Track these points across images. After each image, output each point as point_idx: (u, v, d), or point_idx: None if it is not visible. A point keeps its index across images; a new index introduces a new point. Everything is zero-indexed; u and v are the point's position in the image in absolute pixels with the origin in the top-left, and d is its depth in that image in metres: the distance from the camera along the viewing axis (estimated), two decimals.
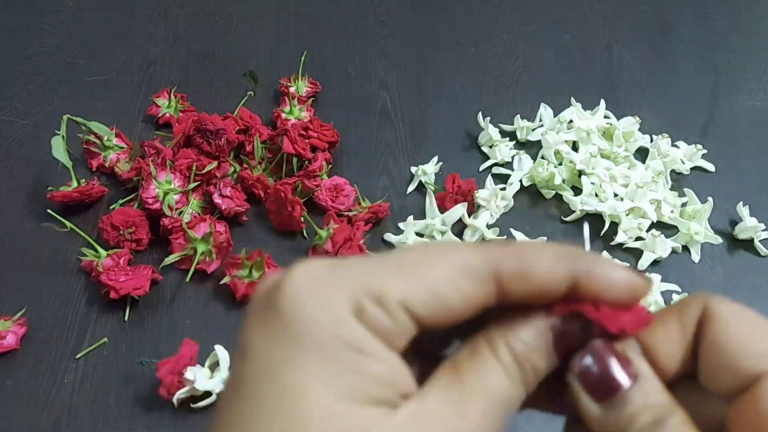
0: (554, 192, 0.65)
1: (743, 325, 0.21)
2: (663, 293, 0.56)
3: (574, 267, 0.21)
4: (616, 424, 0.21)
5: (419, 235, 0.61)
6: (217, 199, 0.60)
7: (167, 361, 0.49)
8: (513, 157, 0.67)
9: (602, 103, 0.70)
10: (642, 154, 0.68)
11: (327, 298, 0.20)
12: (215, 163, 0.62)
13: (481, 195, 0.62)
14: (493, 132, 0.68)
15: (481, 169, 0.67)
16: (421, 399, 0.20)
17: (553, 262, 0.21)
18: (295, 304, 0.20)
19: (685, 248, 0.61)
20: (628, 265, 0.21)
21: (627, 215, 0.61)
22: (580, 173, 0.65)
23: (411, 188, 0.65)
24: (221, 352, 0.50)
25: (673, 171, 0.67)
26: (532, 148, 0.69)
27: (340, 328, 0.20)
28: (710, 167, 0.68)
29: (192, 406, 0.50)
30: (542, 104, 0.71)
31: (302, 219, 0.60)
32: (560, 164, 0.66)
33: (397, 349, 0.21)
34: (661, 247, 0.59)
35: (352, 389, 0.20)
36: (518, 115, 0.70)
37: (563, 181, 0.64)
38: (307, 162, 0.63)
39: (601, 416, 0.21)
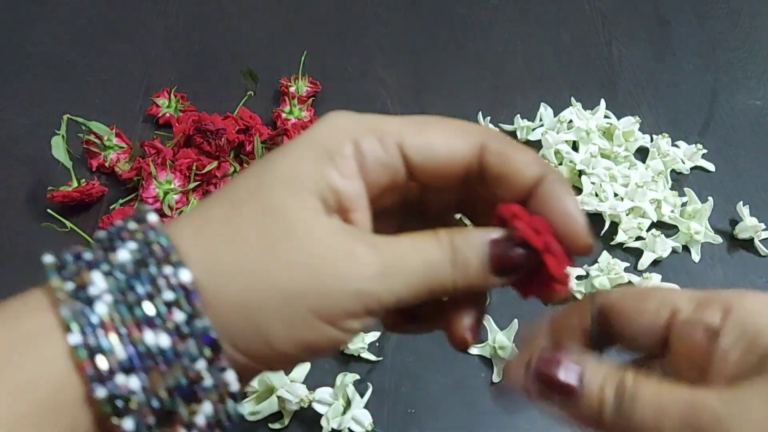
0: None
1: (632, 298, 0.27)
2: None
3: (543, 170, 0.26)
4: (589, 412, 0.24)
5: None
6: None
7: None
8: None
9: (602, 102, 0.70)
10: (642, 153, 0.68)
11: (336, 126, 0.25)
12: (215, 163, 0.62)
13: None
14: None
15: None
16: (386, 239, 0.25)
17: (531, 159, 0.26)
18: (311, 129, 0.25)
19: (686, 248, 0.61)
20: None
21: (627, 215, 0.61)
22: (580, 173, 0.65)
23: None
24: None
25: (673, 170, 0.67)
26: (532, 147, 0.68)
27: (329, 142, 0.25)
28: (710, 167, 0.68)
29: None
30: (542, 104, 0.71)
31: None
32: (560, 164, 0.66)
33: (381, 184, 0.25)
34: (661, 246, 0.59)
35: (321, 203, 0.24)
36: (518, 115, 0.70)
37: None
38: None
39: (574, 412, 0.25)
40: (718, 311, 0.25)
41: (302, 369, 0.51)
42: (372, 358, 0.53)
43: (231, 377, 0.22)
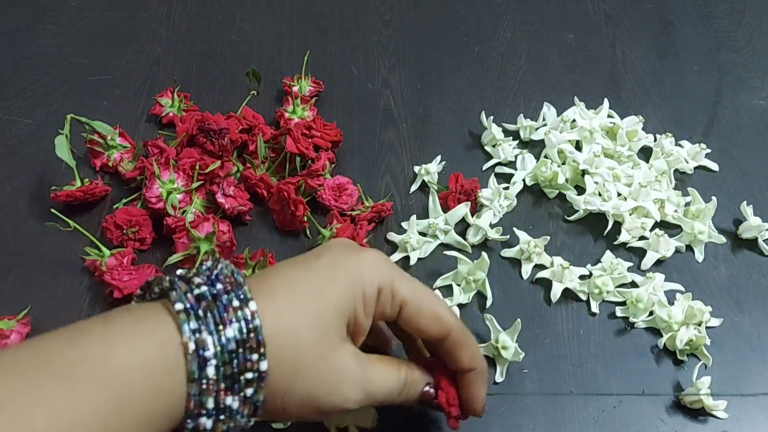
0: (557, 191, 0.64)
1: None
2: (666, 293, 0.56)
3: (479, 365, 0.43)
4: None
5: (422, 234, 0.61)
6: (221, 199, 0.60)
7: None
8: (516, 157, 0.67)
9: (605, 102, 0.70)
10: (645, 153, 0.68)
11: (376, 268, 0.39)
12: (218, 163, 0.62)
13: (484, 194, 0.62)
14: (496, 131, 0.68)
15: (484, 168, 0.67)
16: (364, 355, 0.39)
17: (473, 354, 0.42)
18: (359, 260, 0.39)
19: (689, 248, 0.61)
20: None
21: (630, 214, 0.61)
22: (584, 172, 0.64)
23: (414, 187, 0.65)
24: None
25: (676, 170, 0.66)
26: (535, 147, 0.69)
27: (366, 283, 0.38)
28: (714, 166, 0.68)
29: None
30: (545, 103, 0.71)
31: (305, 218, 0.60)
32: (563, 163, 0.66)
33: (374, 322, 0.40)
34: (664, 246, 0.59)
35: (345, 329, 0.38)
36: (521, 114, 0.70)
37: (566, 180, 0.64)
38: (310, 161, 0.63)
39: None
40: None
41: None
42: None
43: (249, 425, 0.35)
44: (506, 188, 0.64)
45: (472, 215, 0.62)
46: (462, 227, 0.62)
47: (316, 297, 0.36)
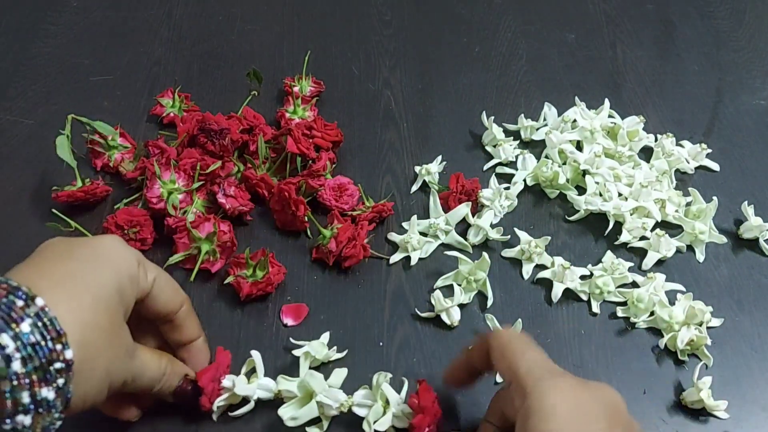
0: (558, 191, 0.64)
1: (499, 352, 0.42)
2: (667, 293, 0.56)
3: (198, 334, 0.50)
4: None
5: (423, 234, 0.61)
6: (221, 199, 0.60)
7: (207, 370, 0.48)
8: (517, 157, 0.67)
9: (606, 102, 0.70)
10: (646, 153, 0.68)
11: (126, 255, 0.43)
12: (219, 163, 0.62)
13: (485, 194, 0.62)
14: (497, 131, 0.68)
15: (485, 168, 0.67)
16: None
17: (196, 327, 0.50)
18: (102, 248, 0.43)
19: (690, 248, 0.61)
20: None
21: (631, 215, 0.61)
22: (584, 173, 0.64)
23: (415, 188, 0.65)
24: (257, 358, 0.50)
25: (677, 170, 0.66)
26: (536, 147, 0.69)
27: (130, 272, 0.42)
28: (715, 166, 0.68)
29: (231, 414, 0.49)
30: (546, 103, 0.71)
31: (306, 218, 0.60)
32: (564, 163, 0.66)
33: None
34: (665, 246, 0.59)
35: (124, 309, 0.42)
36: (522, 115, 0.70)
37: (567, 180, 0.64)
38: (311, 161, 0.63)
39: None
40: (520, 395, 0.39)
41: (340, 374, 0.51)
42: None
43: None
44: (507, 188, 0.64)
45: (473, 215, 0.62)
46: (463, 227, 0.62)
47: (98, 284, 0.39)
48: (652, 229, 0.60)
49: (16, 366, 0.33)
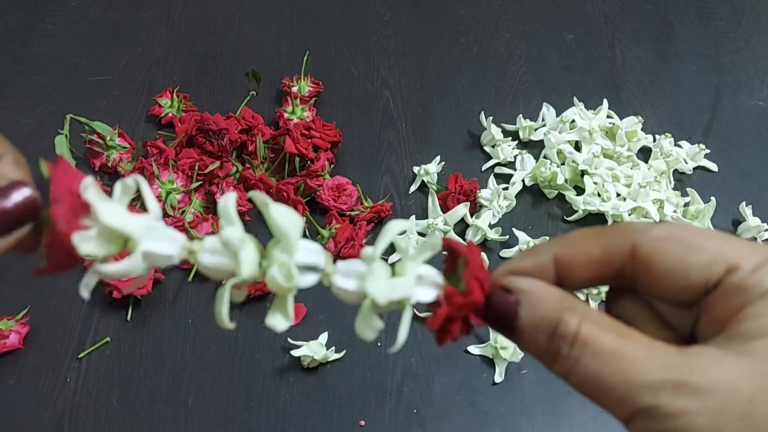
0: (557, 192, 0.65)
1: (676, 248, 0.23)
2: None
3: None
4: (536, 350, 0.22)
5: (421, 234, 0.61)
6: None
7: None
8: (515, 157, 0.67)
9: (605, 102, 0.70)
10: (645, 153, 0.68)
11: None
12: (218, 163, 0.62)
13: (483, 195, 0.62)
14: (495, 132, 0.68)
15: (483, 168, 0.67)
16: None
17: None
18: None
19: None
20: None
21: (630, 215, 0.61)
22: (583, 173, 0.64)
23: (413, 188, 0.65)
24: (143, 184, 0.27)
25: (675, 171, 0.67)
26: (535, 147, 0.69)
27: None
28: (713, 167, 0.68)
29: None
30: (545, 104, 0.71)
31: (305, 218, 0.60)
32: (563, 164, 0.66)
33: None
34: None
35: None
36: (521, 115, 0.70)
37: (566, 180, 0.64)
38: (309, 162, 0.63)
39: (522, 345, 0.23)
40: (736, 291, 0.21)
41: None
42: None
43: None
44: (505, 188, 0.64)
45: (472, 215, 0.62)
46: (461, 227, 0.62)
47: None
48: None
49: None
